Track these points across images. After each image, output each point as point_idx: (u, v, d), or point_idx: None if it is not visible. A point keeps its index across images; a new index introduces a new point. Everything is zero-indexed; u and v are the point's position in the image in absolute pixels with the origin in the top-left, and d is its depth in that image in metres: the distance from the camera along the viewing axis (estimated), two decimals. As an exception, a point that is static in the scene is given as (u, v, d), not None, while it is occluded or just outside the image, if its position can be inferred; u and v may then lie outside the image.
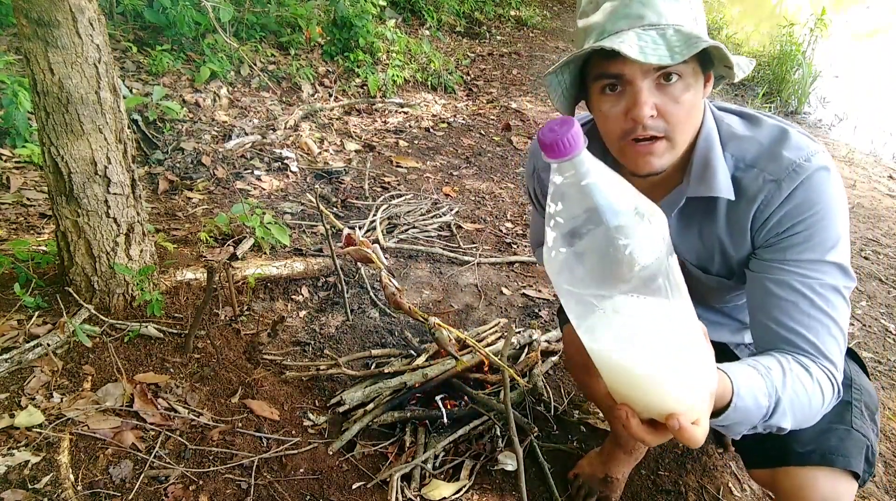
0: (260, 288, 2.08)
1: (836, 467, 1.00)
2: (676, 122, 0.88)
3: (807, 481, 1.01)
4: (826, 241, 0.93)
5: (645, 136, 0.88)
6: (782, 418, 0.87)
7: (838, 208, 0.93)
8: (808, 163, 0.92)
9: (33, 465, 1.26)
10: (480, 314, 2.22)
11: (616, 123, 0.90)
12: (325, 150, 3.51)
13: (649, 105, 0.85)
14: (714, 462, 1.62)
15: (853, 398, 1.08)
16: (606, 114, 0.90)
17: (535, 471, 1.55)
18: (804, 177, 0.92)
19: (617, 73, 0.86)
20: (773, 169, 0.94)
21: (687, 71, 0.86)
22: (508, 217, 3.04)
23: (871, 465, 1.04)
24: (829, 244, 0.93)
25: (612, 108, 0.89)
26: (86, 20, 1.43)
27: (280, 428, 1.56)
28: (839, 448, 1.01)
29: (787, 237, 0.94)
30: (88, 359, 1.55)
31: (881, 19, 9.38)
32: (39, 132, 1.51)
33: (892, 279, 2.76)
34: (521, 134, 4.24)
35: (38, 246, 1.94)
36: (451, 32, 6.52)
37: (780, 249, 0.95)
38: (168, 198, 2.63)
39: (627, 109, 0.87)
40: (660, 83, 0.86)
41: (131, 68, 3.28)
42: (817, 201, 0.92)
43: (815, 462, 1.00)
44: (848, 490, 1.02)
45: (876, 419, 1.10)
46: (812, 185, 0.92)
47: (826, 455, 1.00)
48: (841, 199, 0.94)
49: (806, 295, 0.92)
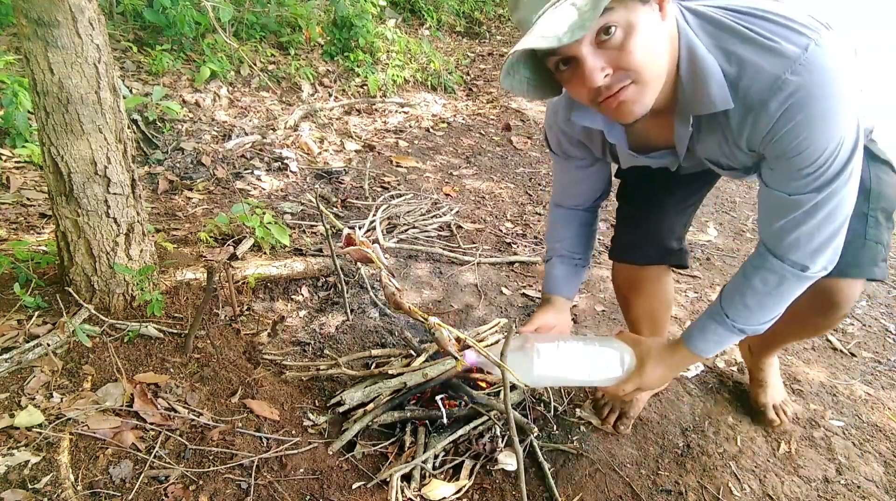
0: (260, 288, 2.08)
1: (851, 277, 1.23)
2: (634, 66, 0.88)
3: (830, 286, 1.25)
4: (826, 145, 0.93)
5: (611, 93, 0.91)
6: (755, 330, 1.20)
7: (837, 107, 0.90)
8: (795, 76, 0.89)
9: (33, 465, 1.26)
10: (480, 313, 2.22)
11: (581, 91, 0.93)
12: (325, 150, 3.51)
13: (598, 70, 0.87)
14: (714, 461, 1.62)
15: (870, 209, 1.21)
16: (572, 87, 0.95)
17: (535, 471, 1.55)
18: (791, 90, 0.89)
19: (555, 52, 0.89)
20: (757, 87, 0.92)
21: (622, 16, 0.85)
22: (508, 217, 3.04)
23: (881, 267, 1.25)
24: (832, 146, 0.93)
25: (571, 80, 0.93)
26: (86, 20, 1.43)
27: (280, 428, 1.56)
28: (855, 261, 1.21)
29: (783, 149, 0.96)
30: (88, 359, 1.55)
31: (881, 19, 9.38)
32: (39, 132, 1.51)
33: (892, 279, 2.76)
34: (521, 134, 4.24)
35: (38, 246, 1.94)
36: (451, 32, 6.52)
37: (778, 158, 0.99)
38: (168, 198, 2.63)
39: (582, 80, 0.90)
40: (600, 41, 0.86)
41: (131, 68, 3.28)
42: (810, 110, 0.90)
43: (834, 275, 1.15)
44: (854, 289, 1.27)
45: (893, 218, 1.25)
46: (801, 98, 0.89)
47: (843, 268, 1.15)
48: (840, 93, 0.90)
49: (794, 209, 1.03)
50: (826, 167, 0.96)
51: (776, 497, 1.54)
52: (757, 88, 0.92)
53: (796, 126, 0.91)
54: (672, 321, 2.26)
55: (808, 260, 1.09)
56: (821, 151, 0.93)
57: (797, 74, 0.88)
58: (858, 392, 1.93)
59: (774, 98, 0.91)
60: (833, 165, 0.96)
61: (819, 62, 0.88)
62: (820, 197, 0.99)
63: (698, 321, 1.28)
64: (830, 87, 0.88)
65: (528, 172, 3.66)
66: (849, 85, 0.90)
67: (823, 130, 0.91)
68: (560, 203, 1.50)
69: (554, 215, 1.52)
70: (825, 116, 0.90)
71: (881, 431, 1.78)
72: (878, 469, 1.65)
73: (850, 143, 0.95)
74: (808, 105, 0.89)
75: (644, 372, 1.29)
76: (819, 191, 0.99)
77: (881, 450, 1.71)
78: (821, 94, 0.89)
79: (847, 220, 1.05)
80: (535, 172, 3.66)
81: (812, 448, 1.69)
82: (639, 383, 1.29)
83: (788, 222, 1.05)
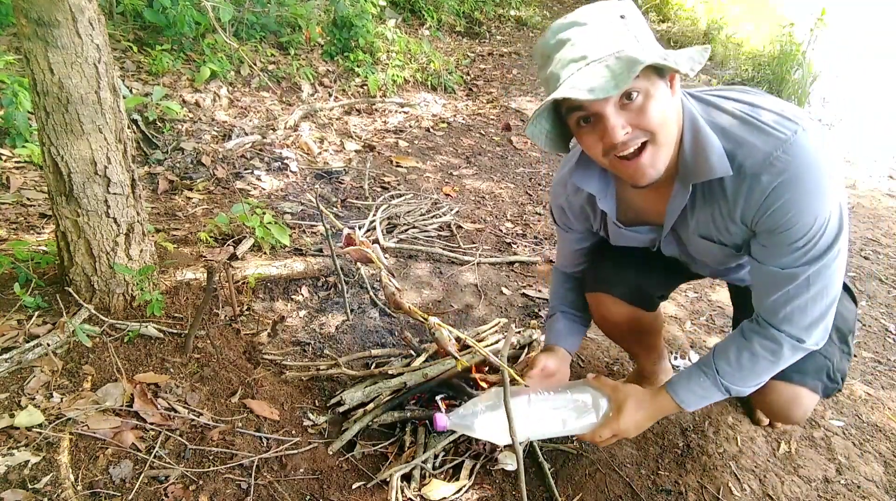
0: (260, 288, 2.08)
1: (792, 382, 1.29)
2: (650, 127, 0.98)
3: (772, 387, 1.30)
4: (812, 221, 1.02)
5: (626, 151, 1.00)
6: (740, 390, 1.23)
7: (821, 186, 1.00)
8: (785, 154, 0.99)
9: (33, 465, 1.26)
10: (480, 313, 2.22)
11: (597, 147, 1.02)
12: (324, 150, 3.51)
13: (619, 126, 0.97)
14: (714, 461, 1.62)
15: None
16: (586, 142, 1.04)
17: (535, 471, 1.55)
18: (781, 167, 0.99)
19: (582, 108, 0.98)
20: (751, 161, 1.02)
21: (643, 84, 0.96)
22: (508, 217, 3.04)
23: (834, 381, 1.31)
24: (819, 222, 1.02)
25: (590, 136, 1.02)
26: (86, 20, 1.43)
27: (280, 428, 1.56)
28: (798, 367, 1.25)
29: (774, 224, 1.05)
30: (88, 359, 1.55)
31: (881, 19, 9.37)
32: (39, 132, 1.51)
33: (892, 279, 2.76)
34: (521, 134, 4.24)
35: (38, 246, 1.94)
36: (451, 32, 6.53)
37: (769, 233, 1.07)
38: (168, 198, 2.63)
39: (602, 135, 0.99)
40: (623, 103, 0.97)
41: (131, 68, 3.28)
42: (798, 187, 1.00)
43: (776, 377, 1.25)
44: (808, 399, 1.32)
45: (848, 341, 1.32)
46: (791, 175, 0.99)
47: (785, 372, 1.24)
48: (823, 173, 1.00)
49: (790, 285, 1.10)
50: (815, 242, 1.05)
51: (776, 497, 1.54)
52: (751, 163, 1.02)
53: (786, 203, 1.01)
54: (672, 320, 2.26)
55: (804, 334, 1.15)
56: (808, 226, 1.02)
57: (787, 154, 0.99)
58: (858, 392, 1.93)
59: (766, 172, 1.00)
60: (821, 241, 1.05)
61: (806, 145, 0.99)
62: (811, 271, 1.08)
63: (686, 370, 1.30)
64: (816, 167, 0.99)
65: (528, 172, 3.66)
66: (833, 168, 1.01)
67: (811, 206, 1.01)
68: (562, 268, 1.60)
69: (556, 276, 1.62)
70: (812, 192, 1.00)
71: (881, 431, 1.78)
72: (878, 469, 1.65)
73: (836, 221, 1.04)
74: (797, 182, 0.99)
75: (621, 419, 1.25)
76: (810, 265, 1.07)
77: (881, 450, 1.71)
78: (808, 173, 0.99)
79: (836, 300, 1.13)
80: (535, 172, 3.66)
81: (812, 448, 1.69)
82: (615, 430, 1.26)
83: (782, 296, 1.12)
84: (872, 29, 8.51)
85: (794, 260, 1.08)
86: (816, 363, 1.29)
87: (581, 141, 1.05)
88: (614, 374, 1.96)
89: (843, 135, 5.05)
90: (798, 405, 1.34)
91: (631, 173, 1.04)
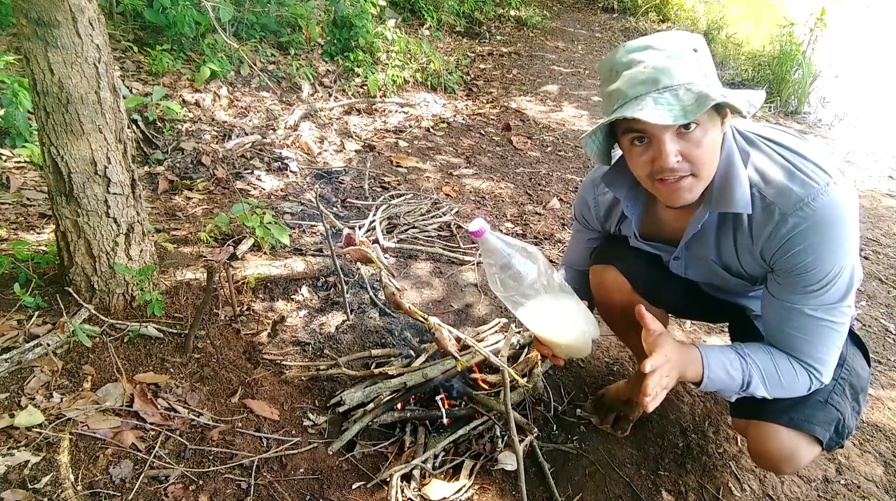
0: (260, 288, 2.08)
1: (800, 430, 1.23)
2: (699, 161, 1.03)
3: (774, 434, 1.25)
4: (830, 268, 1.07)
5: (673, 176, 1.04)
6: (757, 389, 1.17)
7: (843, 238, 1.06)
8: (815, 202, 1.04)
9: (33, 465, 1.26)
10: (480, 313, 2.22)
11: (645, 167, 1.06)
12: (325, 150, 3.51)
13: (673, 154, 1.01)
14: (714, 461, 1.62)
15: (839, 377, 1.27)
16: (636, 161, 1.07)
17: (535, 471, 1.55)
18: (809, 213, 1.04)
19: (642, 129, 1.01)
20: (783, 202, 1.06)
21: (703, 118, 1.00)
22: (508, 217, 3.04)
23: (841, 436, 1.26)
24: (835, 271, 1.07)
25: (641, 156, 1.05)
26: (86, 20, 1.43)
27: (280, 428, 1.56)
28: (809, 416, 1.23)
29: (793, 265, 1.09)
30: (88, 359, 1.55)
31: (881, 19, 9.37)
32: (39, 132, 1.51)
33: (892, 279, 2.77)
34: (521, 134, 4.24)
35: (38, 246, 1.94)
36: (451, 32, 6.52)
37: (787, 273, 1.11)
38: (168, 198, 2.63)
39: (654, 158, 1.03)
40: (680, 132, 1.01)
41: (131, 68, 3.28)
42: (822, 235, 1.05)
43: (783, 423, 1.24)
44: (808, 450, 1.25)
45: (859, 399, 1.30)
46: (817, 222, 1.04)
47: (794, 418, 1.23)
48: (848, 227, 1.06)
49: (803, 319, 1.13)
50: (828, 288, 1.09)
51: (776, 497, 1.54)
52: (782, 204, 1.07)
53: (808, 247, 1.06)
54: (672, 320, 2.26)
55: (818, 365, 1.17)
56: (825, 273, 1.07)
57: (816, 202, 1.04)
58: (858, 392, 1.93)
59: (794, 215, 1.05)
60: (834, 288, 1.09)
61: (837, 197, 1.04)
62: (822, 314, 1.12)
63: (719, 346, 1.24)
64: (843, 221, 1.05)
65: (528, 172, 3.66)
66: (854, 224, 1.06)
67: (830, 254, 1.05)
68: (570, 265, 1.64)
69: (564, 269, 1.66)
70: (834, 242, 1.05)
71: (881, 431, 1.78)
72: (878, 469, 1.65)
73: (849, 273, 1.09)
74: (821, 230, 1.04)
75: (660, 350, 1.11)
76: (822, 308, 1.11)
77: (881, 450, 1.71)
78: (833, 223, 1.04)
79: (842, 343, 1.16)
80: (535, 173, 3.66)
81: (812, 448, 1.69)
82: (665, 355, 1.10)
83: (794, 329, 1.15)
84: (872, 29, 8.51)
85: (806, 300, 1.12)
86: (829, 414, 1.24)
87: (630, 158, 1.09)
88: (614, 374, 1.96)
89: (843, 135, 5.05)
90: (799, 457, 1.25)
91: (667, 195, 1.08)
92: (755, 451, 1.30)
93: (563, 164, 3.83)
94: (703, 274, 1.32)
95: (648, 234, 1.33)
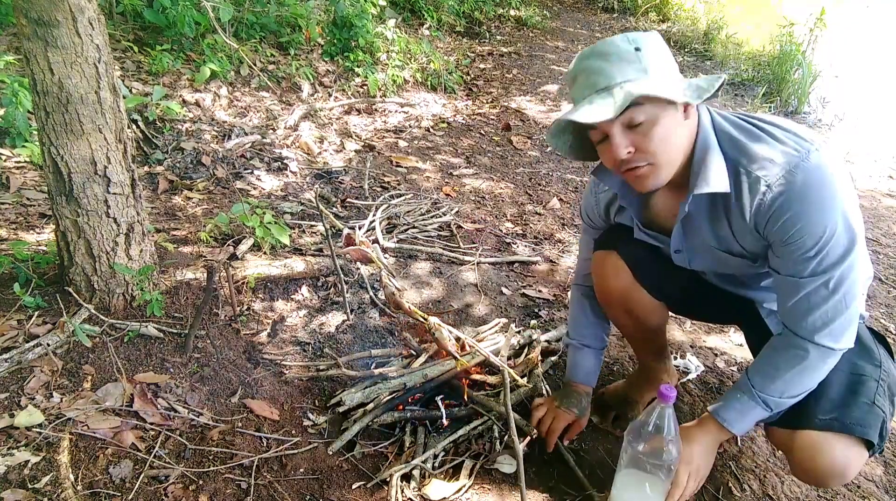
0: (260, 288, 2.08)
1: (854, 435, 1.16)
2: (652, 151, 1.09)
3: (824, 444, 1.18)
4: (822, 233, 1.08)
5: (630, 167, 1.13)
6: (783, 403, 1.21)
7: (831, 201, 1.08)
8: (797, 168, 1.07)
9: (33, 465, 1.26)
10: (480, 313, 2.22)
11: (611, 161, 1.15)
12: (325, 150, 3.51)
13: (623, 146, 1.10)
14: (714, 461, 1.62)
15: (880, 378, 1.24)
16: (604, 157, 1.17)
17: (535, 471, 1.55)
18: (793, 179, 1.07)
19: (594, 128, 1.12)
20: (767, 173, 1.10)
21: (652, 111, 1.07)
22: (508, 217, 3.04)
23: (883, 439, 1.20)
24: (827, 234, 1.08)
25: (605, 151, 1.15)
26: (86, 20, 1.43)
27: (280, 428, 1.56)
28: (861, 419, 1.17)
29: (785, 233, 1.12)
30: (88, 359, 1.55)
31: (881, 19, 9.37)
32: (39, 132, 1.51)
33: (892, 279, 2.77)
34: (521, 134, 4.24)
35: (38, 246, 1.94)
36: (451, 32, 6.52)
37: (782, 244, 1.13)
38: (168, 198, 2.63)
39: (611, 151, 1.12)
40: (630, 125, 1.08)
41: (131, 68, 3.28)
42: (808, 199, 1.07)
43: (835, 429, 1.17)
44: (859, 457, 1.18)
45: (894, 401, 1.26)
46: (803, 187, 1.07)
47: (847, 423, 1.17)
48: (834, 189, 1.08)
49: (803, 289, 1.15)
50: (825, 253, 1.10)
51: (776, 497, 1.54)
52: (766, 175, 1.10)
53: (795, 214, 1.08)
54: (672, 320, 2.26)
55: (829, 339, 1.16)
56: (816, 238, 1.09)
57: (799, 168, 1.07)
58: (858, 392, 1.92)
59: (779, 183, 1.09)
60: (831, 252, 1.10)
61: (818, 163, 1.08)
62: (826, 278, 1.12)
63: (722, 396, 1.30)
64: (826, 183, 1.08)
65: (528, 172, 3.66)
66: (843, 183, 1.09)
67: (820, 217, 1.08)
68: (579, 282, 1.66)
69: (575, 298, 1.68)
70: (820, 204, 1.07)
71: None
72: (878, 469, 1.65)
73: (845, 235, 1.09)
74: (808, 194, 1.07)
75: (691, 458, 1.26)
76: (825, 273, 1.12)
77: (881, 450, 1.71)
78: (819, 186, 1.08)
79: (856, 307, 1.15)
80: (535, 172, 3.66)
81: (812, 448, 1.69)
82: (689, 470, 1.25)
83: (801, 302, 1.16)
84: (872, 29, 8.51)
85: (808, 269, 1.13)
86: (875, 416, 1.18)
87: (601, 155, 1.19)
88: (614, 374, 1.96)
89: (842, 135, 5.05)
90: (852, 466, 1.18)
91: (634, 183, 1.17)
92: (803, 467, 1.22)
93: (563, 164, 3.83)
94: (708, 263, 1.34)
95: (648, 224, 1.37)
